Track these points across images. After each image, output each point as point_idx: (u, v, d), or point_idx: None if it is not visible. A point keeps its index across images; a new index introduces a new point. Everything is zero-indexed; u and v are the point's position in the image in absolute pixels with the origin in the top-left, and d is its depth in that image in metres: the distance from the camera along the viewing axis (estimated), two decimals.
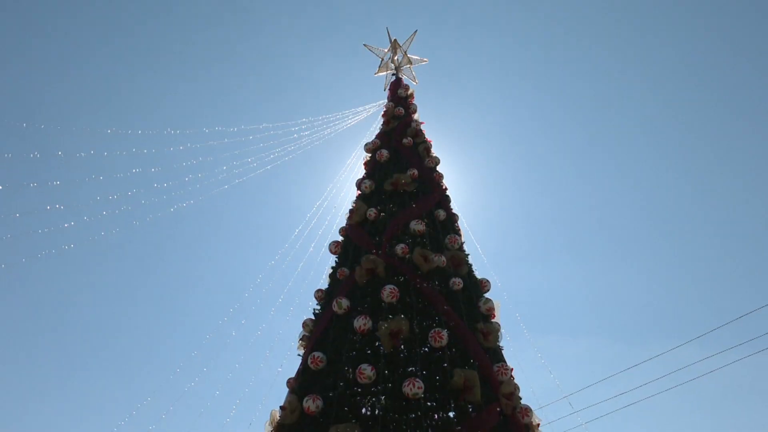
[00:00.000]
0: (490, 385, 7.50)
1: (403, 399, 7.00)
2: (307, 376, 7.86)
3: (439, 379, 7.30)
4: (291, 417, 7.54)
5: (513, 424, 7.41)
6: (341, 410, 7.15)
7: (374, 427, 6.87)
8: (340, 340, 7.86)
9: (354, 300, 8.20)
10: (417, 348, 7.51)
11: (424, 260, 8.39)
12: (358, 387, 7.26)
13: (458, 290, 8.37)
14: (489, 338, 8.10)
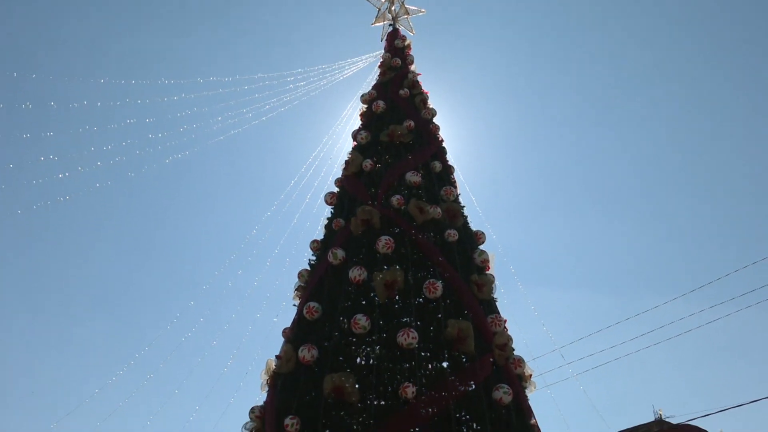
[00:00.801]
0: (483, 336, 7.59)
1: (397, 349, 7.08)
2: (302, 326, 7.94)
3: (433, 329, 7.38)
4: (286, 366, 7.63)
5: (506, 375, 7.51)
6: (336, 359, 7.23)
7: (369, 377, 6.96)
8: (335, 290, 7.92)
9: (349, 251, 8.24)
10: (411, 299, 7.57)
11: (419, 211, 8.40)
12: (352, 337, 7.34)
13: (453, 242, 8.40)
14: (483, 290, 8.15)
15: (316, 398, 7.00)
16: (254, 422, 7.70)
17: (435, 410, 6.70)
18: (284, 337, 8.20)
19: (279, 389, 7.60)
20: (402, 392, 6.68)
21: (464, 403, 6.93)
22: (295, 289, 8.81)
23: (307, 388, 7.20)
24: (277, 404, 7.41)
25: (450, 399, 6.82)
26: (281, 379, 7.68)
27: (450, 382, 6.97)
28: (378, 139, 9.87)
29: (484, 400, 6.99)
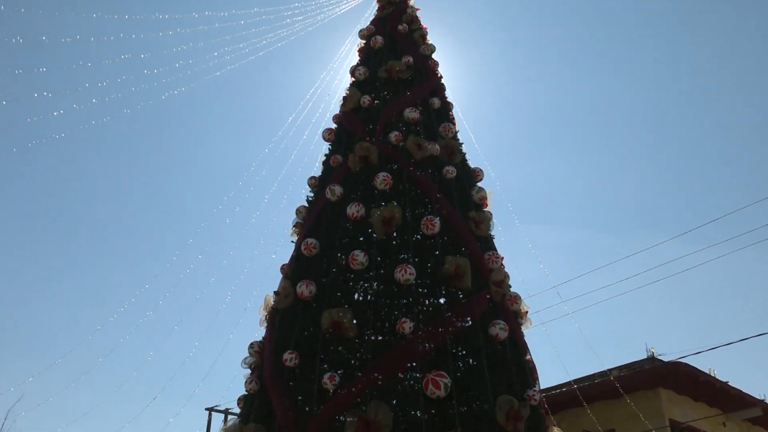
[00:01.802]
0: (480, 272, 7.63)
1: (394, 285, 7.14)
2: (300, 263, 7.98)
3: (431, 266, 7.42)
4: (285, 302, 7.70)
5: (502, 311, 7.58)
6: (334, 295, 7.29)
7: (366, 312, 7.03)
8: (333, 227, 7.93)
9: (347, 187, 8.22)
10: (409, 235, 7.60)
11: (417, 148, 8.34)
12: (350, 273, 7.38)
13: (451, 179, 8.38)
14: (481, 227, 8.17)
15: (314, 333, 7.09)
16: (253, 357, 7.81)
17: (432, 346, 6.79)
18: (282, 274, 8.24)
19: (277, 325, 7.69)
20: (399, 328, 6.75)
21: (461, 339, 7.03)
22: (293, 225, 8.82)
23: (306, 324, 7.29)
24: (276, 339, 7.50)
25: (447, 335, 6.91)
26: (280, 315, 7.75)
27: (447, 318, 7.05)
28: (376, 75, 9.74)
29: (480, 336, 7.08)
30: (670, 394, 20.71)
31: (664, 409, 20.03)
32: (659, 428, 18.76)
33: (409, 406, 6.47)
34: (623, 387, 17.54)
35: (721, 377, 21.74)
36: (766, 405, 22.31)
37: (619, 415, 19.77)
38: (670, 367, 19.74)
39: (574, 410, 19.04)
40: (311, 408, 6.66)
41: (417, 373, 6.63)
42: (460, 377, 6.72)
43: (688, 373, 19.77)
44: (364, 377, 6.54)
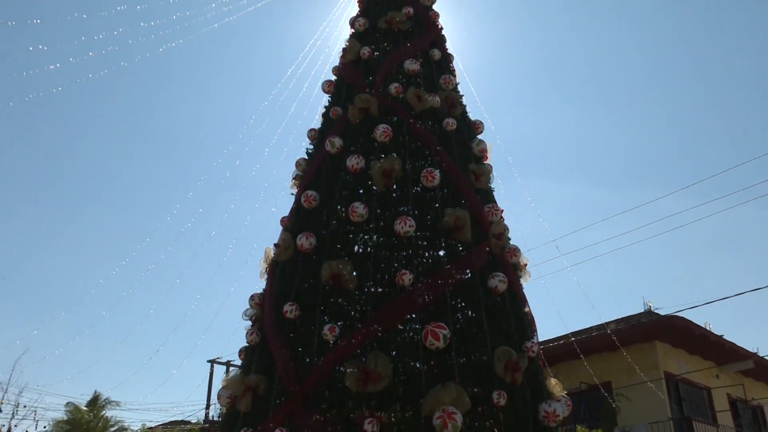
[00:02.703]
0: (480, 225, 7.64)
1: (394, 237, 7.14)
2: (300, 215, 7.97)
3: (431, 218, 7.42)
4: (285, 254, 7.72)
5: (501, 264, 7.61)
6: (334, 247, 7.30)
7: (366, 264, 7.05)
8: (333, 179, 7.91)
9: (347, 139, 8.17)
10: (409, 187, 7.58)
11: (417, 100, 8.27)
12: (350, 225, 7.38)
13: (451, 131, 8.33)
14: (481, 179, 8.15)
15: (314, 285, 7.12)
16: (254, 309, 7.85)
17: (431, 297, 6.82)
18: (282, 226, 8.25)
19: (278, 277, 7.72)
20: (399, 280, 6.78)
21: (460, 291, 7.06)
22: (292, 178, 8.79)
23: (306, 276, 7.32)
24: (276, 291, 7.54)
25: (446, 287, 6.94)
26: (280, 267, 7.78)
27: (446, 270, 7.07)
28: (376, 26, 9.60)
29: (479, 288, 7.12)
30: (665, 347, 20.99)
31: (659, 362, 20.35)
32: (654, 380, 19.04)
33: (408, 357, 6.53)
34: (620, 340, 17.77)
35: (716, 331, 22.01)
36: (758, 358, 22.64)
37: (615, 368, 20.08)
38: (667, 321, 19.98)
39: (571, 362, 19.33)
40: (311, 359, 6.73)
41: (416, 325, 6.68)
42: (459, 329, 6.78)
43: (684, 327, 20.02)
44: (364, 329, 6.59)
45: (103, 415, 24.45)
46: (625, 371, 19.54)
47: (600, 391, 18.36)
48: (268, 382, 6.91)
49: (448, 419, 5.88)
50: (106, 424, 24.60)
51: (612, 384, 20.34)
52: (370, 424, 5.98)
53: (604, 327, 20.31)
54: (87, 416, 23.86)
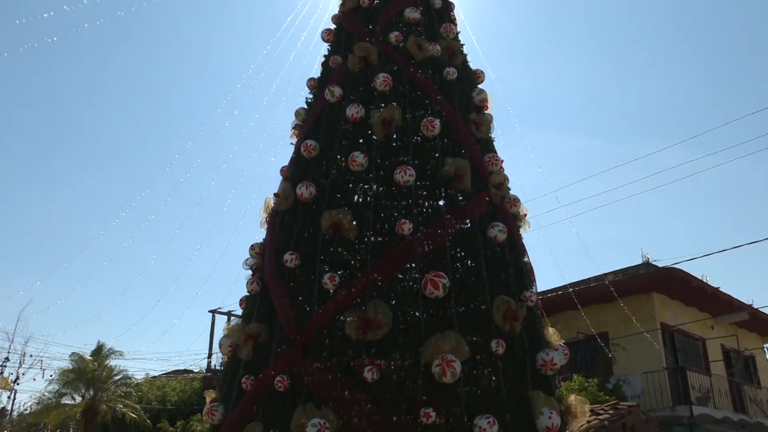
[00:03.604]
0: (480, 174, 7.62)
1: (394, 186, 7.13)
2: (300, 164, 7.94)
3: (431, 167, 7.39)
4: (285, 203, 7.71)
5: (501, 213, 7.61)
6: (334, 197, 7.29)
7: (366, 213, 7.05)
8: (333, 128, 7.86)
9: (346, 88, 8.09)
10: (409, 137, 7.53)
11: (418, 49, 8.16)
12: (350, 174, 7.36)
13: (452, 80, 8.24)
14: (481, 129, 8.10)
15: (314, 234, 7.13)
16: (254, 259, 7.89)
17: (431, 247, 6.84)
18: (282, 175, 8.23)
19: (278, 226, 7.73)
20: (398, 229, 6.79)
21: (459, 240, 7.08)
22: (292, 127, 8.73)
23: (306, 225, 7.33)
24: (276, 241, 7.56)
25: (445, 236, 6.95)
26: (280, 217, 7.79)
27: (446, 219, 7.07)
28: None
29: (479, 237, 7.14)
30: (662, 298, 21.18)
31: (656, 313, 20.55)
32: (651, 331, 19.26)
33: (407, 305, 6.58)
34: (618, 291, 17.91)
35: (712, 283, 22.19)
36: (753, 309, 22.88)
37: (612, 318, 20.30)
38: (664, 273, 20.12)
39: (569, 313, 19.53)
40: (312, 307, 6.78)
41: (416, 274, 6.71)
42: (459, 278, 6.81)
43: (682, 279, 20.17)
44: (364, 277, 6.62)
45: (107, 365, 24.78)
46: (622, 322, 19.75)
47: (597, 341, 18.58)
48: (269, 331, 6.98)
49: (447, 367, 5.95)
50: (110, 373, 24.95)
51: (609, 334, 20.58)
52: (370, 372, 6.05)
53: (602, 278, 20.46)
54: (91, 365, 24.18)
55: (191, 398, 28.96)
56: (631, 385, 19.65)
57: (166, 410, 28.70)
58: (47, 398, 25.35)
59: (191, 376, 33.57)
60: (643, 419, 14.63)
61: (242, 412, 6.66)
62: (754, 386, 24.31)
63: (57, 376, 24.59)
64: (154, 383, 31.63)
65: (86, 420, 23.65)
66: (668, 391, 19.49)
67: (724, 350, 23.89)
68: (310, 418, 5.92)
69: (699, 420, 19.16)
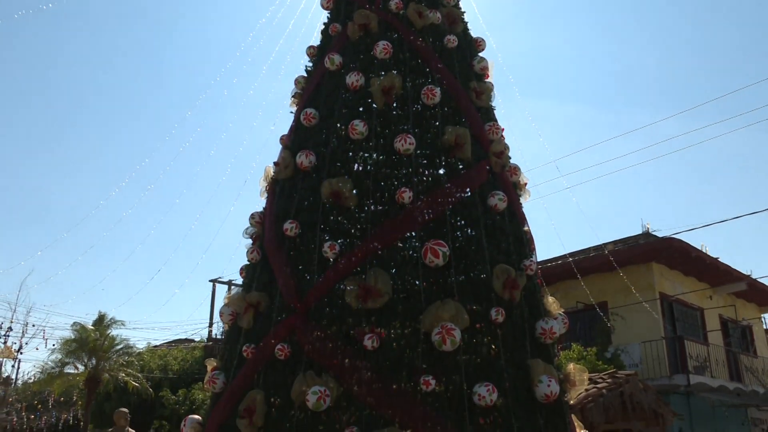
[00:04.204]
0: (480, 143, 7.58)
1: (394, 155, 7.10)
2: (299, 133, 7.90)
3: (431, 136, 7.35)
4: (284, 172, 7.69)
5: (501, 182, 7.59)
6: (333, 165, 7.26)
7: (366, 182, 7.02)
8: (333, 96, 7.80)
9: (346, 56, 8.01)
10: (409, 105, 7.48)
11: (418, 16, 8.07)
12: (350, 143, 7.32)
13: (452, 48, 8.16)
14: (481, 97, 8.04)
15: (315, 203, 7.12)
16: (254, 227, 7.88)
17: (431, 215, 6.83)
18: (282, 144, 8.18)
19: (277, 195, 7.71)
20: (398, 198, 6.77)
21: (459, 209, 7.06)
22: (291, 96, 8.66)
23: (305, 194, 7.31)
24: (276, 210, 7.54)
25: (445, 205, 6.94)
26: (279, 185, 7.77)
27: (446, 188, 7.06)
28: None
29: (479, 206, 7.12)
30: (662, 268, 21.26)
31: (655, 283, 20.65)
32: (650, 301, 19.35)
33: (407, 274, 6.58)
34: (617, 261, 17.98)
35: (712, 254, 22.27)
36: (751, 280, 23.00)
37: (611, 288, 20.40)
38: (664, 243, 20.17)
39: (568, 282, 19.63)
40: (312, 276, 6.78)
41: (416, 242, 6.71)
42: (459, 247, 6.80)
43: (681, 249, 20.24)
44: (364, 246, 6.62)
45: (108, 334, 24.93)
46: (621, 291, 19.85)
47: (596, 310, 18.69)
48: (269, 299, 6.99)
49: (446, 335, 5.98)
50: (112, 343, 25.11)
51: (608, 304, 20.70)
52: (370, 340, 6.08)
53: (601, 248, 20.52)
54: (93, 335, 24.34)
55: (192, 367, 29.22)
56: (630, 355, 19.82)
57: (168, 379, 28.96)
58: (50, 367, 25.57)
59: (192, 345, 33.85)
60: (641, 388, 14.78)
61: (243, 381, 6.70)
62: (751, 355, 24.53)
63: (59, 346, 24.76)
64: (156, 352, 31.88)
65: (89, 388, 23.86)
66: (666, 361, 19.66)
67: (722, 320, 24.05)
68: (310, 385, 5.96)
69: (695, 388, 19.36)
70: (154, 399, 26.42)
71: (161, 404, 27.12)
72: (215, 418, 6.81)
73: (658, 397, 15.25)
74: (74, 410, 32.48)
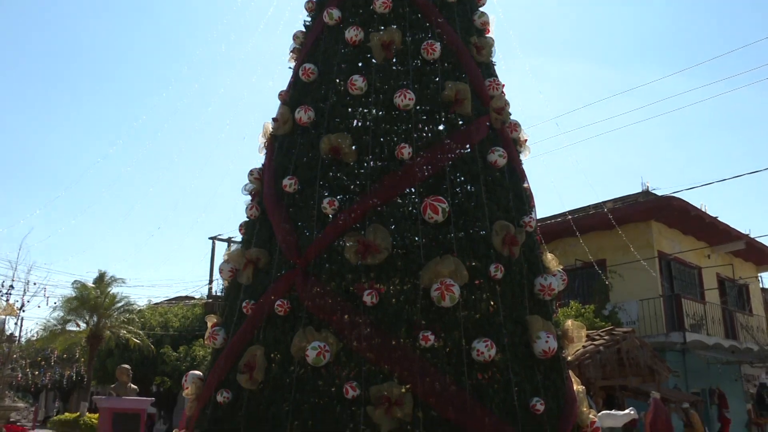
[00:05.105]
0: (480, 99, 7.50)
1: (394, 110, 7.04)
2: (298, 88, 7.82)
3: (431, 91, 7.27)
4: (283, 128, 7.63)
5: (501, 138, 7.54)
6: (332, 121, 7.20)
7: (365, 137, 6.97)
8: (331, 51, 7.69)
9: (345, 11, 7.86)
10: (409, 60, 7.38)
11: None
12: (349, 98, 7.25)
13: (453, 2, 8.00)
14: (482, 53, 7.93)
15: (314, 159, 7.08)
16: (253, 184, 7.85)
17: (430, 171, 6.80)
18: (280, 100, 8.10)
19: (276, 151, 7.67)
20: (398, 153, 6.73)
21: (459, 165, 7.03)
22: (290, 51, 8.55)
23: (305, 149, 7.26)
24: (275, 165, 7.51)
25: (445, 160, 6.91)
26: (278, 141, 7.72)
27: (446, 143, 7.01)
28: None
29: (479, 162, 7.08)
30: (661, 227, 21.29)
31: (653, 241, 20.71)
32: (648, 259, 19.41)
33: (407, 230, 6.58)
34: (616, 219, 17.98)
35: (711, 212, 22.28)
36: (750, 239, 23.06)
37: (610, 246, 20.46)
38: (663, 201, 20.17)
39: (567, 240, 19.68)
40: (311, 232, 6.78)
41: (415, 198, 6.69)
42: (458, 203, 6.79)
43: (680, 208, 20.23)
44: (363, 202, 6.61)
45: (109, 292, 25.07)
46: (619, 249, 19.90)
47: (594, 268, 18.76)
48: (269, 255, 7.00)
49: (446, 291, 6.00)
50: (113, 300, 25.27)
51: (606, 262, 20.78)
52: (369, 296, 6.10)
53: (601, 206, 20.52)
54: (94, 293, 24.47)
55: (193, 324, 29.49)
56: (627, 312, 19.97)
57: (169, 336, 29.25)
58: (52, 325, 25.79)
59: (193, 302, 34.08)
60: (638, 345, 14.92)
61: (243, 336, 6.75)
62: (747, 314, 24.72)
63: (61, 304, 24.91)
64: (157, 310, 32.13)
65: (91, 345, 24.10)
66: (663, 318, 19.82)
67: (719, 279, 24.18)
68: (310, 341, 6.01)
69: (691, 346, 19.56)
70: (155, 355, 26.71)
71: (162, 360, 27.44)
72: (216, 374, 6.87)
73: (654, 354, 15.42)
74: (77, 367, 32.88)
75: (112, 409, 13.71)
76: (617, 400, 15.92)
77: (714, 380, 20.82)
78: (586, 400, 7.21)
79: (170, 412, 31.50)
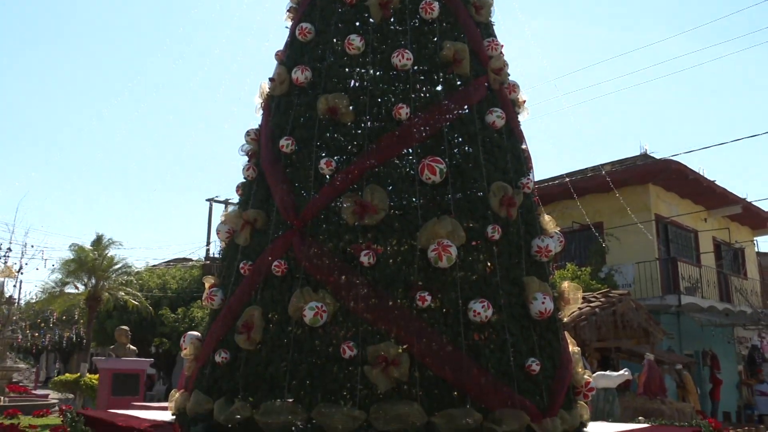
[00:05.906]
0: (479, 59, 7.43)
1: (391, 70, 6.96)
2: (295, 48, 7.72)
3: (429, 51, 7.18)
4: (280, 88, 7.56)
5: (499, 99, 7.48)
6: (330, 81, 7.13)
7: (362, 98, 6.91)
8: (328, 11, 7.58)
9: None
10: (407, 20, 7.28)
11: None
12: (346, 58, 7.16)
13: None
14: (481, 12, 7.82)
15: (311, 119, 7.02)
16: (250, 144, 7.81)
17: (428, 132, 6.75)
18: (277, 60, 8.02)
19: (273, 111, 7.61)
20: (395, 113, 6.67)
21: (457, 126, 6.97)
22: (286, 10, 8.43)
23: (302, 110, 7.20)
24: (272, 126, 7.45)
25: (443, 121, 6.86)
26: (275, 102, 7.65)
27: (444, 104, 6.96)
28: None
29: (477, 122, 7.03)
30: (658, 190, 21.31)
31: (651, 204, 20.74)
32: (645, 222, 19.46)
33: (404, 191, 6.55)
34: (614, 182, 18.01)
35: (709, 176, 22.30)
36: (747, 203, 23.09)
37: (608, 209, 20.49)
38: (662, 165, 20.16)
39: (565, 202, 19.69)
40: (308, 192, 6.76)
41: (413, 159, 6.66)
42: (456, 164, 6.76)
43: (678, 171, 20.23)
44: (361, 162, 6.57)
45: (106, 254, 25.12)
46: (617, 212, 19.94)
47: (591, 230, 18.81)
48: (266, 216, 6.99)
49: (443, 252, 6.00)
50: (111, 262, 25.33)
51: (603, 224, 20.83)
52: (367, 256, 6.10)
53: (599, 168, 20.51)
54: (92, 255, 24.52)
55: (191, 285, 29.61)
56: (623, 275, 20.08)
57: (167, 298, 29.39)
58: (51, 287, 25.91)
59: (191, 264, 34.18)
60: (633, 307, 15.02)
61: (241, 297, 6.77)
62: (741, 277, 24.87)
63: (59, 266, 24.99)
64: (155, 272, 32.24)
65: (90, 307, 24.23)
66: (659, 281, 19.93)
67: (715, 242, 24.28)
68: (307, 301, 6.02)
69: (686, 308, 19.71)
70: (154, 317, 26.87)
71: (161, 322, 27.62)
72: (214, 334, 6.91)
73: (649, 316, 15.54)
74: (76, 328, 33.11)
75: (112, 369, 13.86)
76: (612, 362, 16.11)
77: (707, 342, 21.03)
78: (581, 361, 7.28)
79: (169, 373, 31.83)
